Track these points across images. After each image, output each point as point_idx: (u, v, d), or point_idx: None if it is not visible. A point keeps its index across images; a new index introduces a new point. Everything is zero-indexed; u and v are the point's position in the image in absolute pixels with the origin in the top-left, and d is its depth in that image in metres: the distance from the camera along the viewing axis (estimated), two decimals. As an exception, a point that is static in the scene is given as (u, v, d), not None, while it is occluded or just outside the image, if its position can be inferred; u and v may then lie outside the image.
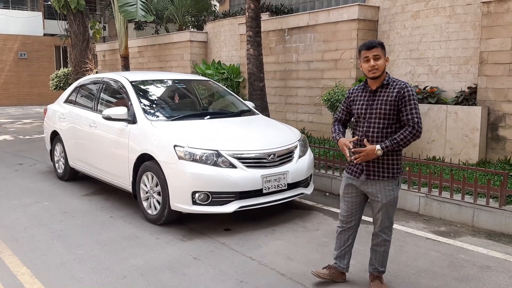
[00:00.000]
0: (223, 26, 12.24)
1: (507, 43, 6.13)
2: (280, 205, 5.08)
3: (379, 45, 3.11)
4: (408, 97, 3.08)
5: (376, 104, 3.14)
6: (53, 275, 3.67)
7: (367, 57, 3.10)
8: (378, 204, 3.21)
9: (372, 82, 3.18)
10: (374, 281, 3.37)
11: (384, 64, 3.11)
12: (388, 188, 3.19)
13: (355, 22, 8.00)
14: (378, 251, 3.35)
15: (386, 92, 3.14)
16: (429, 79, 7.46)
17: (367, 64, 3.10)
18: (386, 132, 3.14)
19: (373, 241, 3.37)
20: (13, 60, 23.57)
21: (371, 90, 3.20)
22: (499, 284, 3.52)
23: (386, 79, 3.17)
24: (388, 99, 3.11)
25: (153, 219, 4.85)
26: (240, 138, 5.09)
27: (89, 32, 15.66)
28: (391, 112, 3.11)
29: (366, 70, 3.12)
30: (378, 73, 3.11)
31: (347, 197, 3.35)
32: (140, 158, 5.01)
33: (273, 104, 9.61)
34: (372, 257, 3.40)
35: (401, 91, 3.09)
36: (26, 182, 6.77)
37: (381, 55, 3.09)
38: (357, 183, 3.26)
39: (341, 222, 3.42)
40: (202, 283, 3.51)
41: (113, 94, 6.17)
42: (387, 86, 3.16)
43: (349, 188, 3.33)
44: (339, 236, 3.45)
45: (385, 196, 3.18)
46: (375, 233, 3.34)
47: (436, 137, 6.68)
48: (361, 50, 3.15)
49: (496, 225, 4.65)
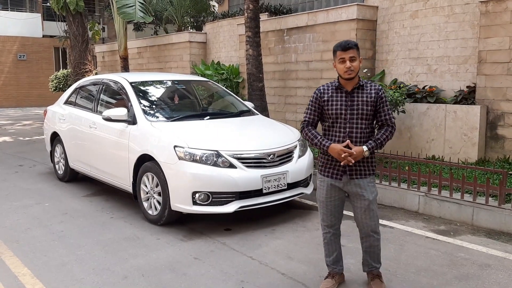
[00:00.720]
0: (222, 27, 12.26)
1: (506, 42, 6.15)
2: (280, 205, 5.10)
3: (354, 46, 3.11)
4: (384, 98, 3.20)
5: (356, 105, 3.14)
6: (54, 275, 3.68)
7: (343, 58, 3.09)
8: (364, 202, 3.20)
9: (347, 83, 3.17)
10: (374, 280, 3.36)
11: (359, 66, 3.13)
12: (371, 185, 3.24)
13: (354, 22, 8.01)
14: (372, 251, 3.34)
15: (364, 93, 3.16)
16: (428, 78, 7.48)
17: (343, 65, 3.10)
18: (366, 132, 3.19)
19: (365, 243, 3.34)
20: (12, 62, 23.56)
21: (347, 91, 3.17)
22: (499, 282, 3.53)
23: (361, 81, 3.20)
24: (369, 100, 3.14)
25: (154, 219, 4.87)
26: (240, 138, 5.10)
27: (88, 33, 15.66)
28: (370, 113, 3.16)
29: (342, 71, 3.12)
30: (354, 74, 3.11)
31: (330, 202, 3.29)
32: (140, 158, 5.02)
33: (273, 104, 9.63)
34: (366, 257, 3.38)
35: (379, 92, 3.17)
36: (27, 183, 6.78)
37: (356, 56, 3.10)
38: (340, 184, 3.23)
39: (328, 228, 3.36)
40: (203, 283, 3.53)
41: (113, 95, 6.19)
42: (362, 87, 3.18)
43: (332, 191, 3.26)
44: (329, 242, 3.40)
45: (370, 192, 3.21)
46: (366, 235, 3.29)
47: (435, 136, 6.70)
48: (336, 51, 3.13)
49: (495, 224, 4.66)
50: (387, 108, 3.20)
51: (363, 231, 3.30)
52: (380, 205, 5.53)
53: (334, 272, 3.45)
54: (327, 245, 3.42)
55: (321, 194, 3.32)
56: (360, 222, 3.28)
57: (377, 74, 8.18)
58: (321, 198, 3.33)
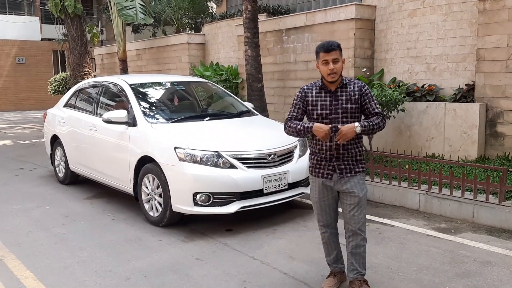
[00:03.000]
0: (220, 28, 12.27)
1: (504, 40, 6.17)
2: (281, 205, 5.11)
3: (337, 47, 3.08)
4: (369, 93, 3.18)
5: (341, 104, 3.13)
6: (56, 278, 3.68)
7: (326, 60, 3.07)
8: (355, 199, 3.17)
9: (330, 84, 3.16)
10: (362, 286, 3.25)
11: (341, 67, 3.11)
12: (361, 182, 3.22)
13: (352, 22, 8.02)
14: (358, 252, 3.26)
15: (348, 92, 3.15)
16: (427, 77, 7.49)
17: (326, 67, 3.07)
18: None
19: (351, 243, 3.25)
20: (11, 65, 23.56)
21: (330, 91, 3.16)
22: (500, 279, 3.54)
23: (344, 80, 3.18)
24: (353, 98, 3.13)
25: (155, 221, 4.87)
26: (240, 139, 5.11)
27: (86, 36, 15.66)
28: (356, 111, 3.15)
29: (325, 74, 3.10)
30: (336, 77, 3.10)
31: (324, 201, 3.28)
32: (141, 160, 5.03)
33: (272, 104, 9.64)
34: (352, 261, 3.28)
35: (362, 89, 3.16)
36: (27, 186, 6.79)
37: (339, 57, 3.08)
38: (331, 184, 3.22)
39: (324, 228, 3.35)
40: (205, 284, 3.53)
41: (112, 98, 6.20)
42: (346, 86, 3.17)
43: (324, 191, 3.24)
44: (328, 242, 3.39)
45: (361, 189, 3.19)
46: (353, 233, 3.23)
47: (435, 135, 6.71)
48: (319, 52, 3.10)
49: (496, 221, 4.67)
50: (374, 103, 3.16)
51: (350, 229, 3.23)
52: (380, 204, 5.54)
53: (336, 270, 3.45)
54: (326, 244, 3.42)
55: (314, 195, 3.32)
56: (349, 220, 3.22)
57: (376, 73, 8.19)
58: (314, 199, 3.33)
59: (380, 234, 4.53)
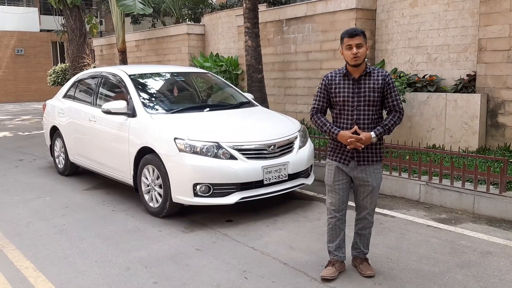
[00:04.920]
0: (220, 18, 12.20)
1: (505, 30, 6.12)
2: (281, 196, 5.10)
3: (361, 33, 3.17)
4: (392, 84, 3.23)
5: (363, 92, 3.18)
6: (57, 268, 3.69)
7: (350, 45, 3.14)
8: (368, 188, 3.29)
9: (354, 70, 3.21)
10: (363, 263, 3.45)
11: (365, 52, 3.16)
12: (377, 171, 3.30)
13: (353, 12, 7.97)
14: (364, 234, 3.45)
15: (372, 80, 3.20)
16: (428, 67, 7.45)
17: (350, 51, 3.14)
18: (374, 119, 3.23)
19: (359, 225, 3.45)
20: (10, 57, 23.47)
21: (354, 78, 3.21)
22: (500, 269, 3.54)
23: (368, 68, 3.23)
24: (375, 87, 3.19)
25: (155, 211, 4.87)
26: (240, 130, 5.09)
27: (85, 27, 15.57)
28: (378, 99, 3.20)
29: (349, 58, 3.16)
30: (360, 60, 3.15)
31: (338, 185, 3.33)
32: (141, 151, 5.01)
33: (272, 95, 9.60)
34: (356, 240, 3.48)
35: (386, 79, 3.21)
36: (27, 177, 6.78)
37: (363, 43, 3.15)
38: (347, 169, 3.29)
39: (334, 212, 3.38)
40: (205, 274, 3.54)
41: (112, 88, 6.16)
42: (369, 74, 3.21)
43: (339, 175, 3.32)
44: (334, 227, 3.42)
45: (375, 179, 3.29)
46: (362, 217, 3.41)
47: (436, 125, 6.69)
48: (343, 37, 3.18)
49: (496, 211, 4.67)
50: (394, 94, 3.22)
51: (361, 213, 3.41)
52: (381, 195, 5.53)
53: (335, 259, 3.46)
54: (331, 230, 3.44)
55: (329, 178, 3.37)
56: (360, 205, 3.39)
57: (377, 64, 8.14)
58: (329, 182, 3.38)
59: (381, 225, 4.53)
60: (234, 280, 3.42)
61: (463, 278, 3.40)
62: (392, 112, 3.25)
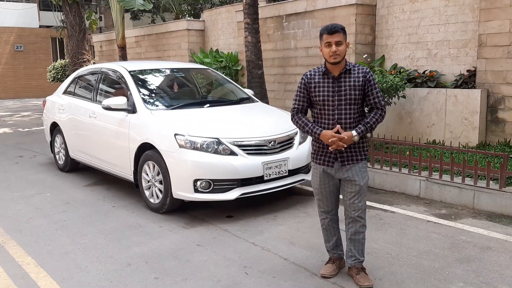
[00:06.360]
0: (220, 14, 12.17)
1: (506, 25, 6.11)
2: (281, 192, 5.11)
3: (341, 30, 3.05)
4: (373, 81, 3.12)
5: (343, 90, 3.09)
6: (58, 264, 3.70)
7: (329, 42, 3.03)
8: (355, 188, 3.17)
9: (333, 67, 3.11)
10: (360, 273, 3.25)
11: (345, 50, 3.07)
12: (363, 170, 3.20)
13: (353, 7, 7.95)
14: (357, 239, 3.27)
15: (351, 78, 3.10)
16: (428, 63, 7.44)
17: (329, 49, 3.03)
18: (356, 117, 3.13)
19: (350, 229, 3.27)
20: (10, 53, 23.44)
21: (334, 76, 3.12)
22: (500, 264, 3.55)
23: (348, 65, 3.13)
24: (356, 84, 3.09)
25: (156, 207, 4.88)
26: (240, 126, 5.09)
27: (85, 23, 15.51)
28: (359, 97, 3.11)
29: (327, 55, 3.05)
30: (339, 58, 3.05)
31: (325, 188, 3.28)
32: (141, 147, 5.02)
33: (272, 91, 9.60)
34: (350, 248, 3.30)
35: (367, 76, 3.11)
36: (27, 174, 6.79)
37: (342, 40, 3.04)
38: (332, 171, 3.21)
39: (324, 214, 3.36)
40: (206, 269, 3.55)
41: (112, 84, 6.16)
42: (350, 71, 3.12)
43: (325, 178, 3.24)
44: (327, 228, 3.39)
45: (362, 178, 3.18)
46: (352, 220, 3.24)
47: (436, 121, 6.69)
48: (322, 34, 3.07)
49: (496, 207, 4.68)
50: (376, 91, 3.13)
51: (350, 216, 3.25)
52: (381, 190, 5.54)
53: (335, 257, 3.46)
54: (326, 231, 3.43)
55: (315, 181, 3.32)
56: (349, 207, 3.23)
57: (377, 60, 8.13)
58: (315, 185, 3.33)
59: (380, 220, 4.54)
60: (234, 276, 3.43)
61: (463, 273, 3.41)
62: (374, 110, 3.15)
